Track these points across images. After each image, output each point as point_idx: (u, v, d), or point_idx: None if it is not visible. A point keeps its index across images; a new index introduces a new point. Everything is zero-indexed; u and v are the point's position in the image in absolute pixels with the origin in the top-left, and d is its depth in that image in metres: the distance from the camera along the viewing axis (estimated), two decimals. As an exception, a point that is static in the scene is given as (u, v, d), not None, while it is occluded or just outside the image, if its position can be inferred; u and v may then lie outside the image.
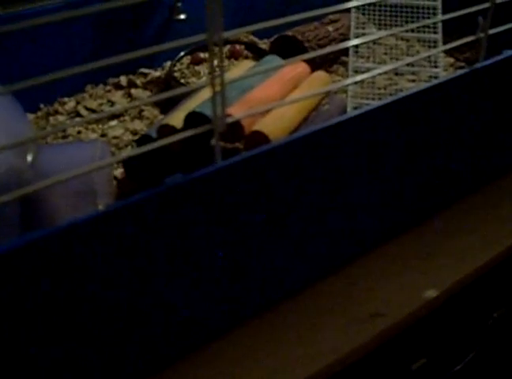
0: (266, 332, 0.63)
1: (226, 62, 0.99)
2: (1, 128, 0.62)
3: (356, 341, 0.62)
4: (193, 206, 0.49)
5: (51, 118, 0.91)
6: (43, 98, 0.93)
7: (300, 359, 0.60)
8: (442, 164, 0.72)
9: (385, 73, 0.94)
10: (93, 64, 0.42)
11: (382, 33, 0.59)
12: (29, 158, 0.64)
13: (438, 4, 0.90)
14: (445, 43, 0.72)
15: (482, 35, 0.63)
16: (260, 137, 0.65)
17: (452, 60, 1.04)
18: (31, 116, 0.92)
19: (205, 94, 0.72)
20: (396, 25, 0.95)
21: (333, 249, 0.66)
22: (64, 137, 0.86)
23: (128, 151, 0.77)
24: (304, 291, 0.67)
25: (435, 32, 0.91)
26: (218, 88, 0.46)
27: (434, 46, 0.92)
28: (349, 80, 0.58)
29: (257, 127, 0.66)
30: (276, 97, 0.71)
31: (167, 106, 0.88)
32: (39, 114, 0.93)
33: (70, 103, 0.94)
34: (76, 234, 0.44)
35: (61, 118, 0.91)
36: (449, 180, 0.75)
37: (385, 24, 0.96)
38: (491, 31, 0.63)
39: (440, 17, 0.88)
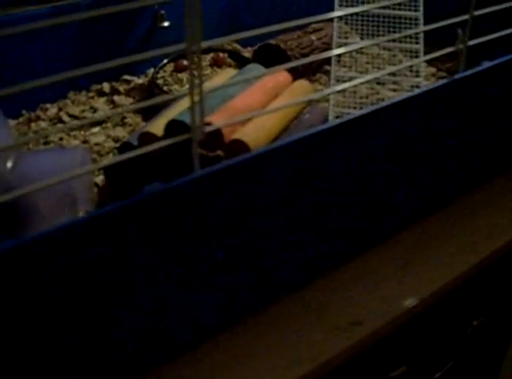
0: (248, 337, 0.63)
1: (209, 70, 0.99)
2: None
3: (335, 349, 0.63)
4: (172, 214, 0.49)
5: (33, 124, 0.91)
6: (25, 104, 0.93)
7: (280, 365, 0.61)
8: (421, 172, 0.72)
9: (368, 82, 0.95)
10: (76, 71, 0.42)
11: (365, 43, 0.60)
12: (9, 164, 0.64)
13: (420, 15, 0.91)
14: (427, 53, 0.73)
15: (461, 46, 0.64)
16: (240, 146, 0.65)
17: (434, 70, 1.04)
18: (13, 122, 0.91)
19: (187, 102, 0.72)
20: (379, 35, 0.95)
21: (314, 258, 0.67)
22: (46, 143, 0.86)
23: (109, 159, 0.77)
24: (284, 298, 0.67)
25: (417, 43, 0.92)
26: (197, 98, 0.46)
27: (416, 56, 0.93)
28: (330, 89, 0.58)
29: (237, 136, 0.66)
30: (257, 106, 0.72)
31: (149, 114, 0.88)
32: (21, 120, 0.92)
33: (52, 110, 0.94)
34: (54, 240, 0.44)
35: (43, 124, 0.91)
36: (428, 189, 0.76)
37: (368, 34, 0.97)
38: (471, 43, 0.64)
39: (422, 28, 0.89)
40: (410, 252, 0.74)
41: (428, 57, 0.65)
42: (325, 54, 0.58)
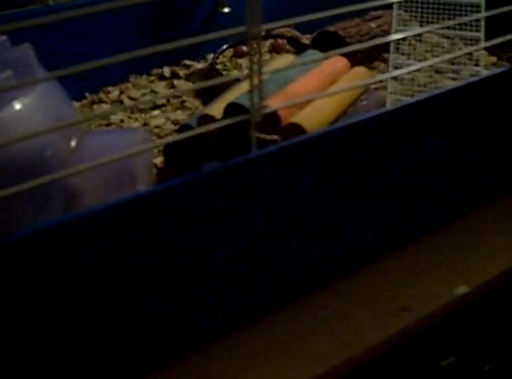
0: (298, 320, 0.64)
1: (268, 56, 1.00)
2: (47, 113, 0.64)
3: (384, 334, 0.63)
4: (229, 193, 0.50)
5: (95, 107, 0.94)
6: (89, 87, 0.96)
7: (327, 348, 0.61)
8: (483, 157, 0.72)
9: (426, 70, 0.94)
10: (136, 52, 0.43)
11: (423, 29, 0.60)
12: (73, 143, 0.67)
13: (482, 2, 0.90)
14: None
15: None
16: (297, 130, 0.66)
17: (495, 59, 1.03)
18: (76, 104, 0.94)
19: (245, 86, 0.73)
20: (438, 23, 0.94)
21: (367, 242, 0.67)
22: (107, 125, 0.89)
23: (169, 138, 0.78)
24: (336, 282, 0.67)
25: (477, 30, 0.90)
26: (256, 80, 0.47)
27: (477, 45, 0.92)
28: (388, 74, 0.58)
29: (294, 119, 0.67)
30: (314, 91, 0.72)
31: (208, 98, 0.89)
32: (84, 102, 0.95)
33: (114, 92, 0.96)
34: (114, 216, 0.45)
35: (105, 106, 0.94)
36: (485, 178, 0.75)
37: (428, 22, 0.96)
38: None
39: (483, 14, 0.87)
40: (463, 240, 0.74)
41: (487, 43, 0.65)
42: (383, 39, 0.58)
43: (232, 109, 0.68)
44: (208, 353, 0.60)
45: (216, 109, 0.70)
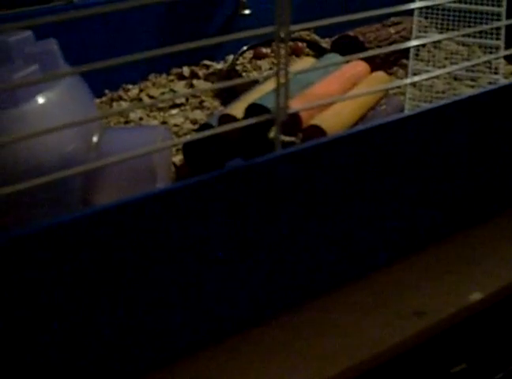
0: (307, 324, 0.64)
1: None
2: (71, 108, 0.65)
3: (397, 337, 0.63)
4: (251, 191, 0.50)
5: (115, 104, 0.94)
6: (109, 84, 0.97)
7: (339, 352, 0.61)
8: (498, 166, 0.72)
9: (445, 77, 0.95)
10: (157, 51, 0.44)
11: (443, 36, 0.60)
12: (95, 139, 0.67)
13: (503, 10, 0.90)
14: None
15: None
16: (317, 132, 0.66)
17: (513, 68, 1.03)
18: (96, 101, 0.95)
19: (267, 87, 0.74)
20: (458, 31, 0.95)
21: (383, 245, 0.68)
22: (126, 123, 0.89)
23: (190, 136, 0.79)
24: (350, 284, 0.68)
25: (498, 39, 0.91)
26: (282, 79, 0.48)
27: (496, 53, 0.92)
28: (408, 79, 0.59)
29: (315, 121, 0.67)
30: (335, 94, 0.73)
31: (227, 98, 0.90)
32: (104, 99, 0.96)
33: (134, 90, 0.97)
34: (133, 211, 0.46)
35: (124, 104, 0.94)
36: (504, 185, 0.75)
37: (448, 29, 0.96)
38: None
39: (503, 22, 0.88)
40: (479, 247, 0.74)
41: (507, 52, 0.65)
42: (403, 45, 0.58)
43: (253, 110, 0.68)
44: (212, 354, 0.60)
45: (238, 109, 0.70)
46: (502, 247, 0.74)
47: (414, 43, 0.58)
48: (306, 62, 0.84)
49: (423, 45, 1.00)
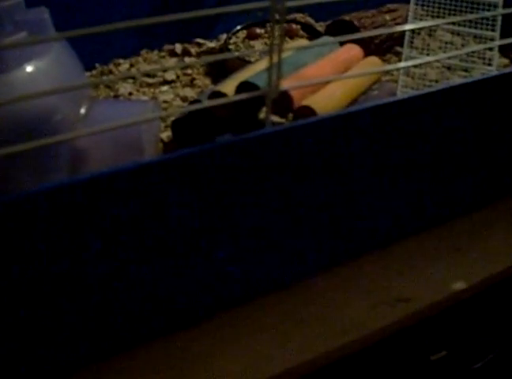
0: (288, 308, 0.64)
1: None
2: (60, 77, 0.64)
3: (379, 322, 0.63)
4: (240, 167, 0.50)
5: (105, 78, 0.93)
6: (100, 57, 0.96)
7: (322, 333, 0.61)
8: (485, 158, 0.72)
9: (438, 67, 0.94)
10: (147, 19, 0.43)
11: (439, 21, 0.60)
12: (83, 110, 0.67)
13: (500, 1, 0.89)
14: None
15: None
16: (308, 113, 0.66)
17: (507, 61, 1.03)
18: (86, 74, 0.94)
19: (258, 67, 0.73)
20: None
21: (369, 232, 0.67)
22: (115, 97, 0.88)
23: (179, 111, 0.78)
24: (335, 269, 0.68)
25: (493, 30, 0.90)
26: (276, 57, 0.47)
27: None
28: (401, 64, 0.58)
29: (306, 102, 0.67)
30: (328, 76, 0.72)
31: (218, 77, 0.89)
32: (94, 72, 0.95)
33: (124, 65, 0.96)
34: (118, 182, 0.45)
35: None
36: (492, 176, 0.75)
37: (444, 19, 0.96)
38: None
39: (499, 11, 0.87)
40: (466, 237, 0.74)
41: (501, 42, 0.64)
42: (399, 28, 0.58)
43: (244, 88, 0.68)
44: (193, 334, 0.60)
45: (229, 87, 0.70)
46: (489, 238, 0.74)
47: (409, 26, 0.58)
48: (300, 44, 0.83)
49: (418, 33, 1.00)
